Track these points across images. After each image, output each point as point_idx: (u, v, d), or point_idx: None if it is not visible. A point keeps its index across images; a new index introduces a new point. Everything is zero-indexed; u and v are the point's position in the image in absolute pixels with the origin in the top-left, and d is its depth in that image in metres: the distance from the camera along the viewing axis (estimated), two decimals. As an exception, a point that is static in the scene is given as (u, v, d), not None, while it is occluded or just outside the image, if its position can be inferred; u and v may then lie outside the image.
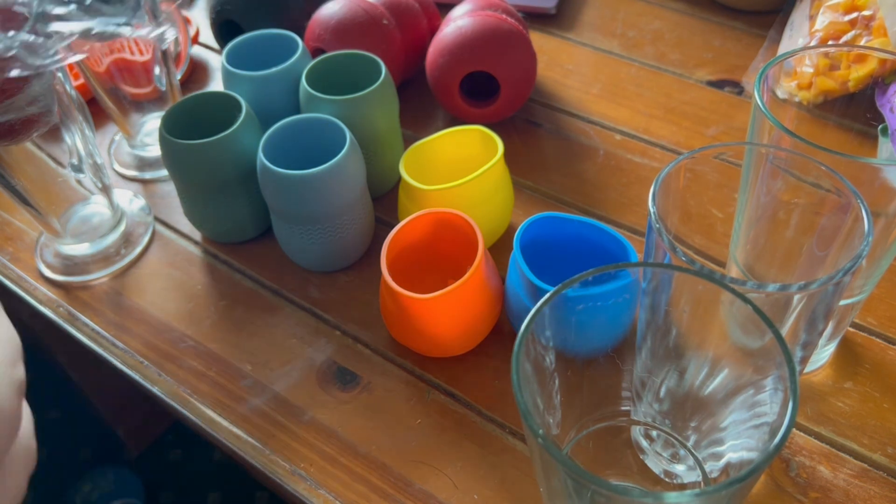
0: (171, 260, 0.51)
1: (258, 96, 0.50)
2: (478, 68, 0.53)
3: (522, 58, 0.54)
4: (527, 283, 0.40)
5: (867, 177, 0.31)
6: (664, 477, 0.38)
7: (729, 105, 0.59)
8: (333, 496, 0.38)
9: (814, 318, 0.29)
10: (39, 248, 0.52)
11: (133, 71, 0.53)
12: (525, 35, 0.55)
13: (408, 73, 0.60)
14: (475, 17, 0.54)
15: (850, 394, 0.41)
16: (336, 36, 0.54)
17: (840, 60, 0.46)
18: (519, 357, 0.26)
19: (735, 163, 0.33)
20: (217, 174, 0.46)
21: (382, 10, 0.56)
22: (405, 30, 0.57)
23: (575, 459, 0.36)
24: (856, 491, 0.37)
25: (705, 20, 0.68)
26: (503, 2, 0.59)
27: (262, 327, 0.46)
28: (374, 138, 0.49)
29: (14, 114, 0.40)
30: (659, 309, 0.32)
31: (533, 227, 0.42)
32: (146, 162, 0.57)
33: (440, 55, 0.54)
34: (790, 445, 0.39)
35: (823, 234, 0.33)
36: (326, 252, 0.47)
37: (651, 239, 0.30)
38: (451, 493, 0.38)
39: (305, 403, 0.42)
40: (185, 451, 1.11)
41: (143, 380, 0.44)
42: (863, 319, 0.44)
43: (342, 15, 0.54)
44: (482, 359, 0.44)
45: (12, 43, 0.34)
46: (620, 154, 0.56)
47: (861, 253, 0.27)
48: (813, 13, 0.54)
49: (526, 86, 0.55)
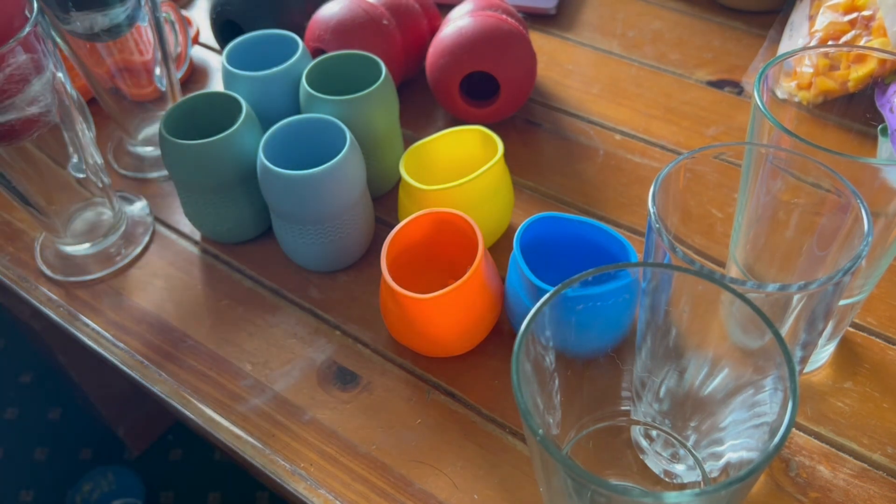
0: (171, 260, 0.51)
1: (258, 96, 0.50)
2: (478, 68, 0.53)
3: (522, 58, 0.54)
4: (527, 283, 0.40)
5: (867, 177, 0.31)
6: (664, 477, 0.38)
7: (729, 105, 0.59)
8: (333, 496, 0.38)
9: (813, 318, 0.29)
10: (40, 248, 0.52)
11: (133, 71, 0.53)
12: (525, 35, 0.55)
13: (408, 73, 0.60)
14: (475, 17, 0.54)
15: (850, 394, 0.41)
16: (336, 36, 0.54)
17: (840, 60, 0.46)
18: (519, 357, 0.26)
19: (735, 163, 0.33)
20: (217, 174, 0.46)
21: (382, 10, 0.56)
22: (405, 30, 0.57)
23: (575, 459, 0.36)
24: (855, 491, 0.37)
25: (705, 20, 0.68)
26: (503, 2, 0.59)
27: (263, 327, 0.46)
28: (374, 138, 0.49)
29: (14, 114, 0.40)
30: (659, 309, 0.32)
31: (533, 227, 0.42)
32: (146, 162, 0.57)
33: (440, 55, 0.54)
34: (790, 445, 0.39)
35: (823, 235, 0.33)
36: (326, 252, 0.47)
37: (651, 239, 0.30)
38: (451, 493, 0.38)
39: (305, 403, 0.42)
40: (186, 451, 1.11)
41: (144, 380, 0.44)
42: (862, 319, 0.44)
43: (342, 15, 0.54)
44: (482, 359, 0.44)
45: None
46: (620, 154, 0.56)
47: (861, 253, 0.27)
48: (813, 13, 0.54)
49: (526, 86, 0.55)
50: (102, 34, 0.48)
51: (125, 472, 1.06)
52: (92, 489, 1.03)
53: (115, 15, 0.47)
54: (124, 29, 0.49)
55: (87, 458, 1.12)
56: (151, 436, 1.12)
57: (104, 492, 1.03)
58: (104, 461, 1.11)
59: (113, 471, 1.05)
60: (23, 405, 1.18)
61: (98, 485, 1.04)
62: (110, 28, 0.48)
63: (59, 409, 1.17)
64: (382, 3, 0.57)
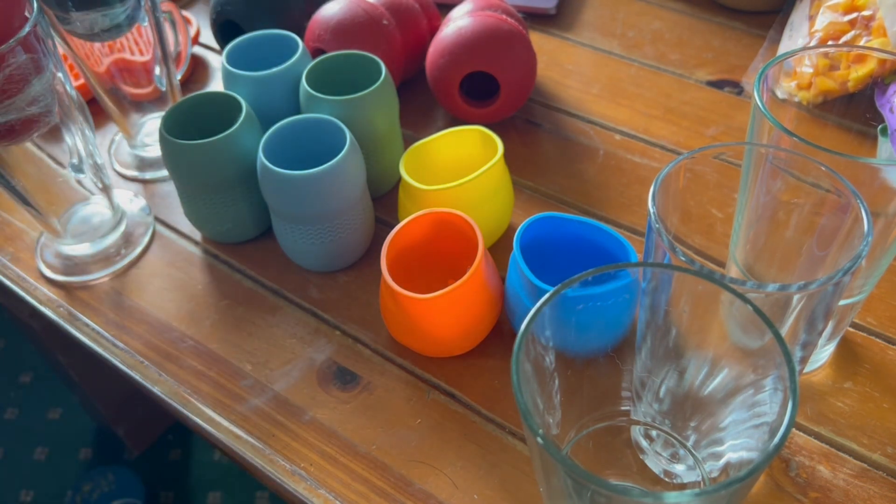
0: (171, 260, 0.51)
1: (258, 97, 0.50)
2: (478, 68, 0.53)
3: (522, 58, 0.54)
4: (527, 283, 0.40)
5: (867, 177, 0.31)
6: (664, 477, 0.38)
7: (729, 105, 0.59)
8: (333, 496, 0.38)
9: (813, 318, 0.29)
10: (40, 248, 0.52)
11: (133, 71, 0.53)
12: (525, 35, 0.55)
13: (408, 73, 0.60)
14: (475, 17, 0.54)
15: (850, 394, 0.41)
16: (336, 36, 0.54)
17: (840, 61, 0.46)
18: (519, 357, 0.26)
19: (735, 163, 0.33)
20: (217, 174, 0.46)
21: (382, 10, 0.56)
22: (405, 30, 0.57)
23: (575, 459, 0.36)
24: (855, 491, 0.37)
25: (705, 20, 0.68)
26: (503, 2, 0.59)
27: (263, 327, 0.46)
28: (374, 138, 0.49)
29: (14, 114, 0.40)
30: (659, 309, 0.32)
31: (533, 227, 0.42)
32: (146, 162, 0.57)
33: (440, 55, 0.54)
34: (790, 445, 0.39)
35: (823, 235, 0.33)
36: (326, 252, 0.47)
37: (651, 239, 0.30)
38: (451, 492, 0.38)
39: (305, 403, 0.42)
40: (186, 450, 1.12)
41: (144, 380, 0.44)
42: (862, 319, 0.44)
43: (342, 15, 0.54)
44: (482, 359, 0.44)
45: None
46: (620, 154, 0.56)
47: (861, 253, 0.27)
48: (813, 13, 0.54)
49: (526, 86, 0.55)
50: (102, 34, 0.48)
51: (125, 472, 1.06)
52: (92, 489, 1.03)
53: (115, 15, 0.47)
54: (124, 29, 0.49)
55: (87, 458, 1.12)
56: (151, 436, 1.12)
57: (104, 492, 1.03)
58: (104, 461, 1.11)
59: (113, 471, 1.05)
60: (23, 405, 1.18)
61: (98, 485, 1.04)
62: (110, 28, 0.48)
63: (59, 409, 1.17)
64: (382, 3, 0.57)
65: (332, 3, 0.56)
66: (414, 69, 0.61)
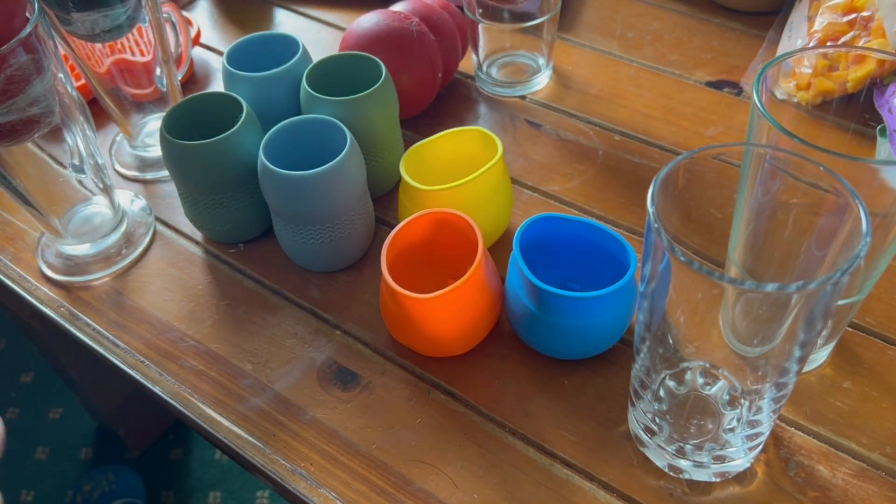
0: (171, 260, 0.51)
1: (259, 97, 0.50)
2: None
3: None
4: (527, 283, 0.40)
5: (865, 177, 0.31)
6: (668, 471, 0.38)
7: (728, 106, 0.59)
8: (334, 495, 0.39)
9: (812, 318, 0.29)
10: (41, 249, 0.52)
11: (134, 72, 0.53)
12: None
13: (443, 85, 0.60)
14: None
15: (849, 393, 0.41)
16: (372, 47, 0.53)
17: (839, 61, 0.46)
18: None
19: (734, 163, 0.33)
20: (218, 175, 0.46)
21: (424, 27, 0.55)
22: (442, 41, 0.57)
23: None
24: (854, 490, 0.37)
25: (704, 21, 0.68)
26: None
27: (263, 327, 0.46)
28: (374, 139, 0.49)
29: (16, 114, 0.40)
30: (658, 309, 0.32)
31: (533, 227, 0.43)
32: (147, 162, 0.58)
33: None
34: (789, 445, 0.39)
35: (822, 235, 0.33)
36: (327, 252, 0.47)
37: (650, 239, 0.30)
38: (451, 492, 0.38)
39: (306, 403, 0.42)
40: (186, 450, 1.12)
41: (144, 379, 0.44)
42: (861, 319, 0.44)
43: (378, 27, 0.54)
44: (482, 359, 0.44)
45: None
46: (620, 154, 0.56)
47: (859, 253, 0.27)
48: (812, 14, 0.54)
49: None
50: (103, 35, 0.48)
51: (126, 472, 1.06)
52: (92, 489, 1.03)
53: (116, 16, 0.47)
54: (125, 30, 0.49)
55: (87, 457, 1.12)
56: (152, 435, 1.12)
57: (105, 491, 1.03)
58: (105, 461, 1.11)
59: (113, 470, 1.05)
60: (23, 405, 1.18)
61: (99, 484, 1.04)
62: (111, 29, 0.48)
63: (59, 409, 1.18)
64: (411, 10, 0.56)
65: (369, 14, 0.55)
66: (448, 80, 0.61)
